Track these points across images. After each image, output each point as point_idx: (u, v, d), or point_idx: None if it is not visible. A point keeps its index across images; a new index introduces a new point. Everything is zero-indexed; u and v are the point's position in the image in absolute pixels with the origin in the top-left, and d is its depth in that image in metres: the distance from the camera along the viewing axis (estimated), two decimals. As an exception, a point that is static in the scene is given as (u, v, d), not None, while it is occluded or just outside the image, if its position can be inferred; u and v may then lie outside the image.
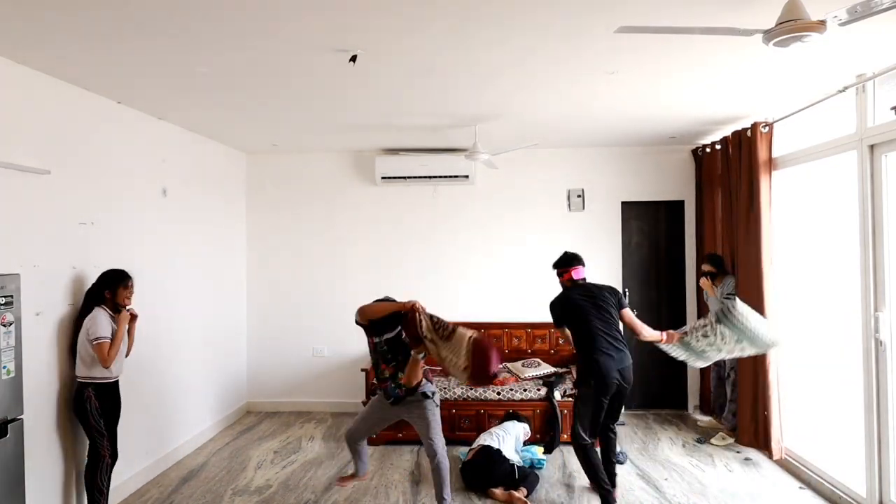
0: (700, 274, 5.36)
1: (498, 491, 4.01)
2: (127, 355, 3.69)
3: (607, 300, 3.93)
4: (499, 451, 4.16)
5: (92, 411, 3.43)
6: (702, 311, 5.86)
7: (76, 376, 3.45)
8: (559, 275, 4.16)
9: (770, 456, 4.65)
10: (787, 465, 4.47)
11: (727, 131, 5.28)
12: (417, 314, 3.32)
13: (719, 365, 5.28)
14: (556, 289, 6.10)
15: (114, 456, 3.56)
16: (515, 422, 4.72)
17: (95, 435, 3.46)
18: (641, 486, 4.21)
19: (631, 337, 4.12)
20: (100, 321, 3.40)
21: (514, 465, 4.14)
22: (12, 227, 3.16)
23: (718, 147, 5.44)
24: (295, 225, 6.28)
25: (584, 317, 3.80)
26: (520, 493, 3.96)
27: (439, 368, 5.78)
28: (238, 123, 4.86)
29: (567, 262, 4.14)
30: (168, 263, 4.72)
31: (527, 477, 4.12)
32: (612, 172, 6.15)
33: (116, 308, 3.51)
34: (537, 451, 4.58)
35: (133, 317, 3.64)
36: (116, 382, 3.59)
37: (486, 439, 4.34)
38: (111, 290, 3.50)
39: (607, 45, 3.04)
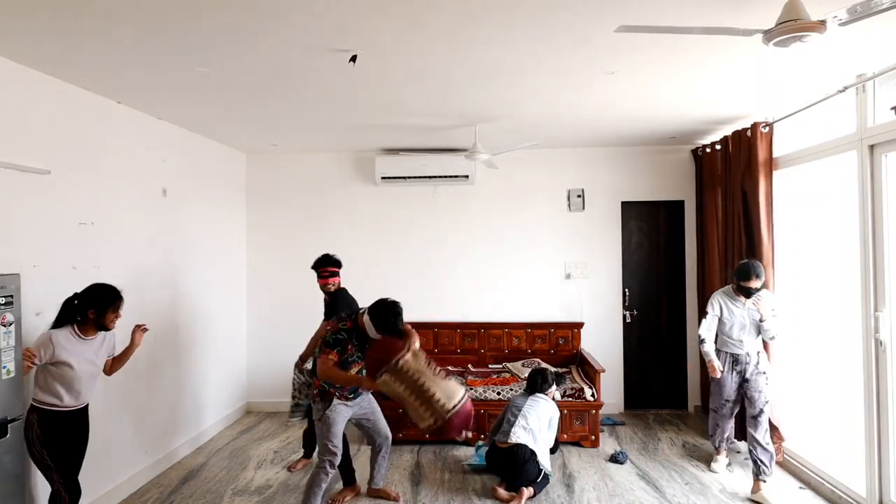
0: (743, 292, 4.16)
1: (502, 491, 4.01)
2: (110, 374, 3.33)
3: None
4: (534, 453, 4.06)
5: (32, 439, 2.93)
6: (702, 313, 5.85)
7: (32, 397, 3.01)
8: (332, 275, 4.39)
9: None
10: (786, 465, 4.47)
11: (727, 131, 5.28)
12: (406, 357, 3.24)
13: (728, 399, 4.31)
14: (555, 289, 6.14)
15: (72, 491, 3.03)
16: (546, 401, 4.35)
17: (41, 468, 2.96)
18: (642, 487, 4.21)
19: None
20: (42, 342, 2.93)
21: (542, 470, 4.07)
22: (12, 227, 3.17)
23: (718, 147, 5.44)
24: (295, 225, 6.28)
25: None
26: (527, 492, 3.95)
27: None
28: (238, 123, 4.86)
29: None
30: (168, 263, 4.72)
31: (537, 485, 4.09)
32: (612, 172, 6.15)
33: (101, 327, 3.07)
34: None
35: (141, 328, 3.35)
36: (76, 413, 3.07)
37: (520, 435, 4.10)
38: (98, 310, 3.02)
39: (607, 44, 3.04)
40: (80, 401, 3.08)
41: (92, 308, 3.01)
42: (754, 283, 4.08)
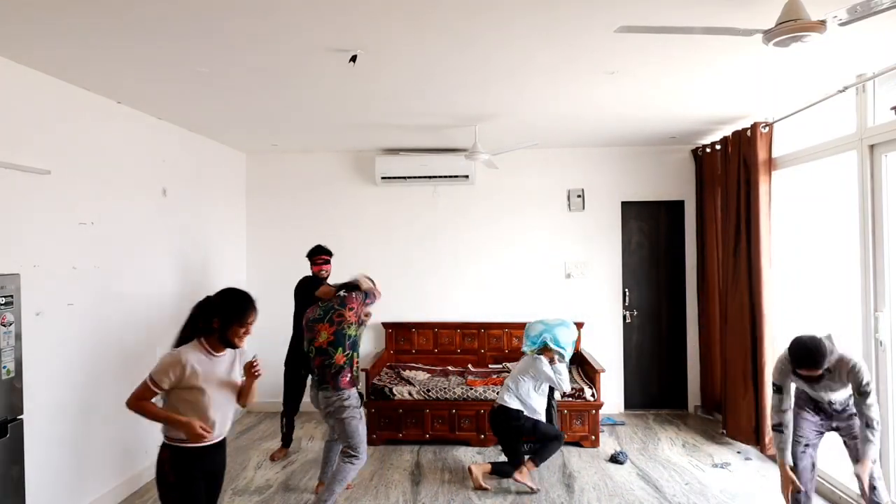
0: (805, 379, 2.99)
1: (476, 472, 4.15)
2: (244, 405, 2.72)
3: None
4: (518, 412, 4.17)
5: (164, 482, 2.47)
6: (703, 312, 5.86)
7: (164, 431, 2.55)
8: (326, 262, 4.81)
9: (763, 451, 4.69)
10: (787, 465, 4.47)
11: (727, 131, 5.28)
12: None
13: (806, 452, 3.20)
14: (555, 289, 6.14)
15: None
16: (530, 358, 4.29)
17: None
18: (641, 487, 4.21)
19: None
20: (168, 364, 2.43)
21: (535, 425, 4.17)
22: (12, 227, 3.16)
23: (718, 147, 5.44)
24: (295, 225, 6.28)
25: None
26: (526, 468, 4.09)
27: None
28: (238, 123, 4.86)
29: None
30: (168, 263, 4.72)
31: (543, 447, 4.18)
32: (612, 172, 6.15)
33: (226, 342, 2.53)
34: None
35: (252, 371, 2.61)
36: (212, 448, 2.55)
37: (504, 397, 4.25)
38: (223, 321, 2.50)
39: (607, 44, 3.04)
40: (217, 432, 2.53)
41: (217, 317, 2.49)
42: (815, 373, 2.87)
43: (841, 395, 3.05)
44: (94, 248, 3.82)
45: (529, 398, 4.21)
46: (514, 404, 4.20)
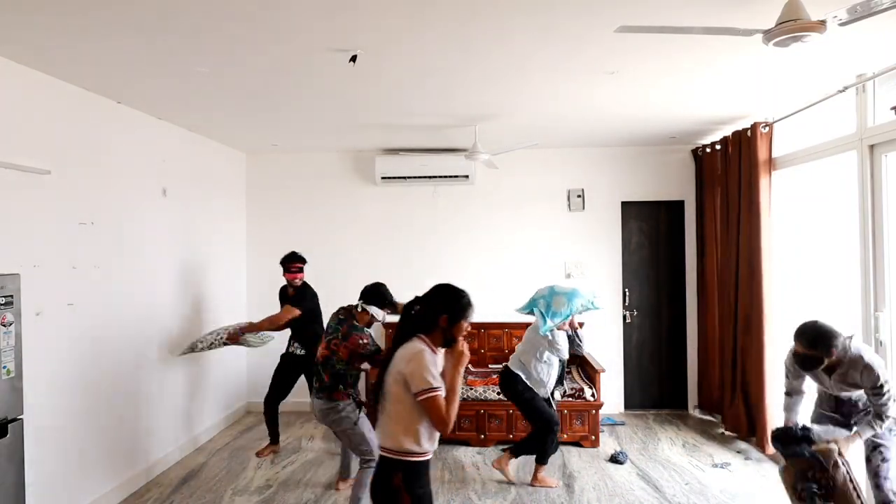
0: (804, 365, 3.00)
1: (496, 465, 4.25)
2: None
3: None
4: (517, 375, 4.17)
5: None
6: (702, 312, 5.86)
7: (382, 447, 2.30)
8: (299, 270, 4.80)
9: (763, 450, 4.70)
10: (787, 465, 4.48)
11: (727, 131, 5.28)
12: None
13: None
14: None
15: None
16: (534, 327, 4.25)
17: None
18: (641, 487, 4.21)
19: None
20: (428, 361, 2.23)
21: (533, 395, 4.17)
22: (12, 227, 3.16)
23: (718, 147, 5.44)
24: (295, 225, 6.28)
25: None
26: (542, 470, 4.21)
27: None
28: (238, 123, 4.86)
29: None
30: (168, 263, 4.72)
31: (541, 447, 4.18)
32: (612, 172, 6.15)
33: (447, 342, 2.34)
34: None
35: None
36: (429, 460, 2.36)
37: (511, 360, 4.33)
38: (452, 316, 2.32)
39: (607, 44, 3.04)
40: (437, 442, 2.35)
41: (445, 313, 2.32)
42: (805, 352, 2.89)
43: (858, 394, 3.05)
44: (94, 248, 3.82)
45: (531, 366, 4.16)
46: (514, 367, 4.23)
